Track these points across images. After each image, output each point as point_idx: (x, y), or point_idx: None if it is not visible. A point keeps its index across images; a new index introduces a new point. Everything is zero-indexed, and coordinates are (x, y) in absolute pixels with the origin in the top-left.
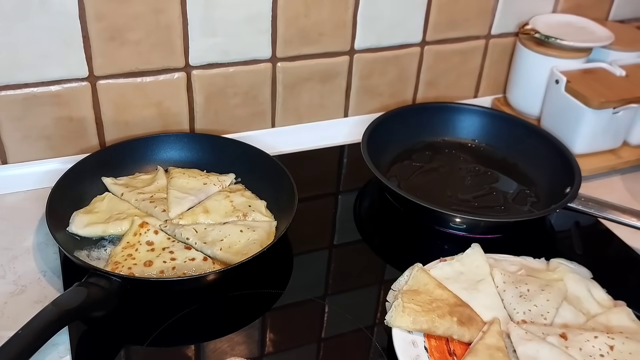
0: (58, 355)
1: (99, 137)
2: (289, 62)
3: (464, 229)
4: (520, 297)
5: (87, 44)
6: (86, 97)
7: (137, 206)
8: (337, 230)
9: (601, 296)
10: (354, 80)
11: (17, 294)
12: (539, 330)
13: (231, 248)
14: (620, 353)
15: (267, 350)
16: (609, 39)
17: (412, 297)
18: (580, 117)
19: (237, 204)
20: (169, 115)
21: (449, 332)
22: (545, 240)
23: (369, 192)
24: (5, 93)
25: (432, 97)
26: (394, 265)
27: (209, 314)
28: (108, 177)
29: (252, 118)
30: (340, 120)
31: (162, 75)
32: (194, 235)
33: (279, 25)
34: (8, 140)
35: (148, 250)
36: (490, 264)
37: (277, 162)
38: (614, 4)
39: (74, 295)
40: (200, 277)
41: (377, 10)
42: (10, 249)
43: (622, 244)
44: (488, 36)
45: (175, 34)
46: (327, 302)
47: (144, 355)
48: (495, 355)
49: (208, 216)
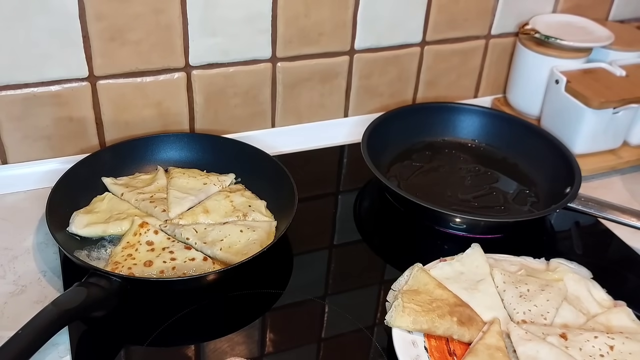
0: (58, 355)
1: (99, 137)
2: (289, 62)
3: (464, 229)
4: (520, 297)
5: (87, 44)
6: (86, 97)
7: (137, 206)
8: (337, 230)
9: (601, 296)
10: (354, 80)
11: (17, 294)
12: (539, 330)
13: (231, 248)
14: (620, 353)
15: (267, 350)
16: (609, 39)
17: (412, 297)
18: (580, 117)
19: (237, 204)
20: (169, 115)
21: (449, 332)
22: (545, 240)
23: (369, 192)
24: (6, 93)
25: (432, 97)
26: (394, 265)
27: (209, 314)
28: (108, 177)
29: (252, 118)
30: (340, 120)
31: (162, 75)
32: (194, 235)
33: (279, 25)
34: (8, 140)
35: (148, 250)
36: (490, 264)
37: (277, 162)
38: (613, 4)
39: (74, 295)
40: (201, 277)
41: (377, 10)
42: (10, 249)
43: (622, 244)
44: (488, 36)
45: (175, 34)
46: (327, 302)
47: (144, 355)
48: (495, 355)
49: (208, 216)
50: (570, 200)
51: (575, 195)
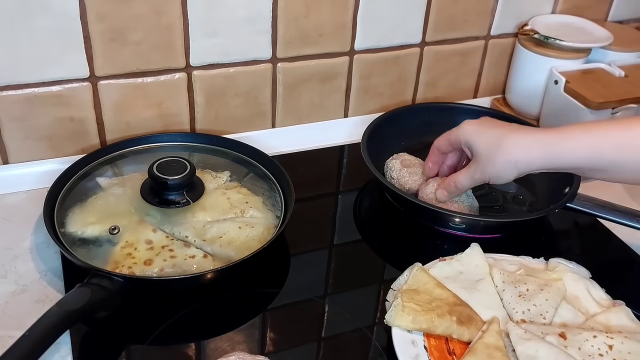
0: (60, 355)
1: (99, 137)
2: (289, 62)
3: (463, 228)
4: (519, 296)
5: (88, 44)
6: (87, 97)
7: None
8: (337, 230)
9: (600, 296)
10: (353, 80)
11: (18, 293)
12: (538, 329)
13: (230, 245)
14: (619, 352)
15: (268, 349)
16: (608, 40)
17: (412, 297)
18: (580, 117)
19: (234, 201)
20: (169, 115)
21: (448, 331)
22: (545, 240)
23: (369, 192)
24: (7, 93)
25: (431, 97)
26: (394, 265)
27: (209, 312)
28: (106, 177)
29: (252, 118)
30: (340, 121)
31: (163, 75)
32: (192, 233)
33: (279, 26)
34: (9, 140)
35: (147, 249)
36: (490, 263)
37: (275, 162)
38: (612, 5)
39: (78, 296)
40: (204, 274)
41: (377, 10)
42: (11, 249)
43: (621, 243)
44: (487, 37)
45: (176, 35)
46: (327, 302)
47: (145, 353)
48: (495, 354)
49: (206, 213)
50: (570, 200)
51: (575, 195)
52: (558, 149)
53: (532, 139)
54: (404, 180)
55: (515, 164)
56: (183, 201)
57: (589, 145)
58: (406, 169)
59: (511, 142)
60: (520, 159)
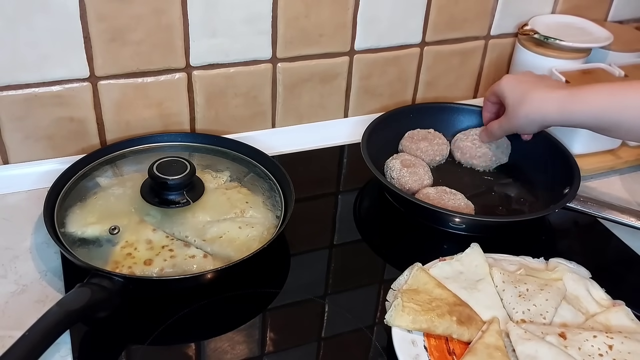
0: (60, 355)
1: (100, 137)
2: (289, 62)
3: (463, 228)
4: (519, 296)
5: (88, 44)
6: (87, 97)
7: (135, 205)
8: (337, 230)
9: (600, 296)
10: (353, 80)
11: (18, 293)
12: (538, 329)
13: (230, 245)
14: (619, 352)
15: (268, 349)
16: (608, 40)
17: (412, 297)
18: None
19: (233, 201)
20: (169, 115)
21: (448, 331)
22: (545, 240)
23: (369, 192)
24: (7, 93)
25: (431, 97)
26: (394, 265)
27: (210, 312)
28: (106, 177)
29: (252, 118)
30: (340, 121)
31: (163, 75)
32: (192, 233)
33: (279, 26)
34: (9, 140)
35: (147, 249)
36: (490, 263)
37: (275, 162)
38: (612, 5)
39: (78, 296)
40: (204, 274)
41: (376, 11)
42: (11, 249)
43: (621, 243)
44: (487, 37)
45: (176, 35)
46: (327, 302)
47: (145, 353)
48: (495, 354)
49: (206, 213)
50: (569, 200)
51: (574, 195)
52: (569, 108)
53: (551, 95)
54: (404, 180)
55: (533, 118)
56: (183, 201)
57: (596, 105)
58: (406, 169)
59: (533, 97)
60: (537, 114)
